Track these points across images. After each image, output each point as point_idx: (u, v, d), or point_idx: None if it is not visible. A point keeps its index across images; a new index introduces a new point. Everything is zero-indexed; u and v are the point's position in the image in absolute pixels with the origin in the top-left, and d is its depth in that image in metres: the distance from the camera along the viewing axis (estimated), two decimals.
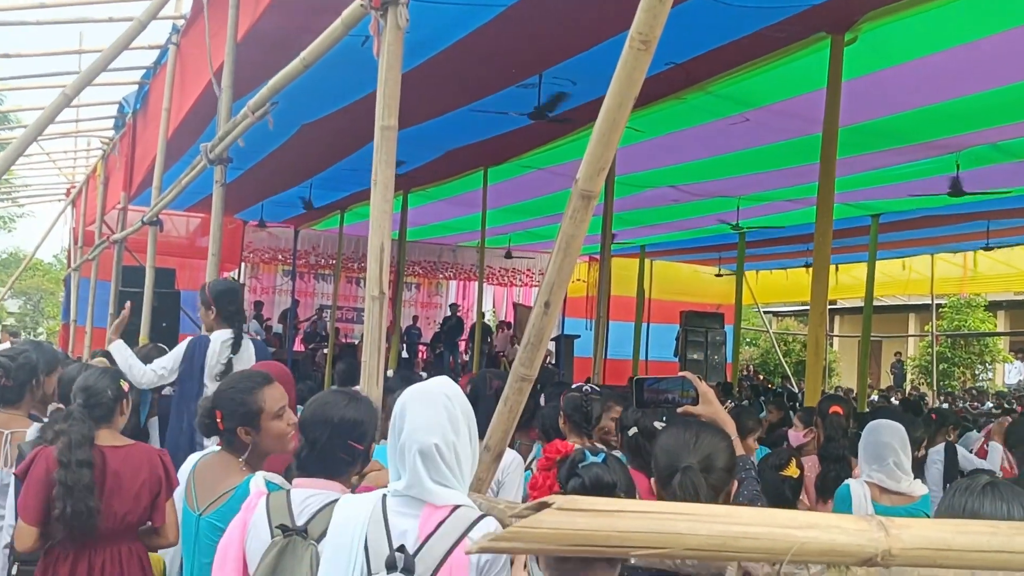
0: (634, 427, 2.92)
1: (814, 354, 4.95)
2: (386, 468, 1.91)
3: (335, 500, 1.84)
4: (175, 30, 6.45)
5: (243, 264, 14.86)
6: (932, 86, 5.57)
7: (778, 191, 8.85)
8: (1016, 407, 12.75)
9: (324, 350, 13.48)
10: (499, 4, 4.56)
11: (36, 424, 3.13)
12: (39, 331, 31.08)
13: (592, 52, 5.13)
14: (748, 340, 23.07)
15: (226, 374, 3.46)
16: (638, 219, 10.81)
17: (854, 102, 5.27)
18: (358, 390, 2.23)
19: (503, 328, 15.75)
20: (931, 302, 15.95)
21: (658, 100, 5.99)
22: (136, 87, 8.04)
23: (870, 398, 13.09)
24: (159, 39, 6.88)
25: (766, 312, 21.18)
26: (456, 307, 16.21)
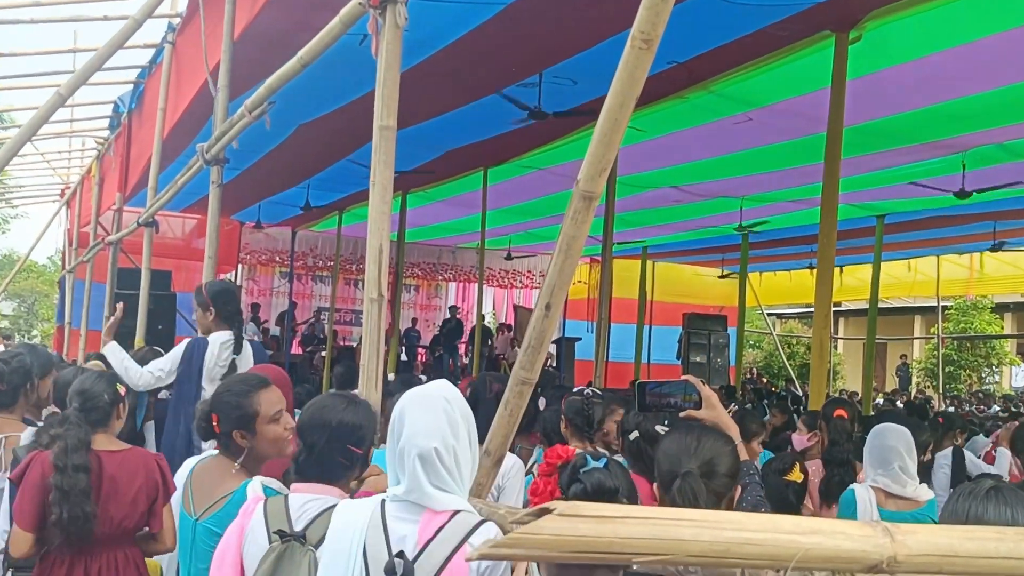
0: (635, 431, 2.89)
1: (818, 357, 4.92)
2: (385, 473, 1.88)
3: (333, 505, 1.82)
4: (171, 28, 6.42)
5: (240, 266, 14.80)
6: (937, 85, 5.55)
7: (782, 191, 8.82)
8: (1023, 411, 12.67)
9: (322, 353, 13.36)
10: (499, 2, 4.54)
11: (30, 428, 3.11)
12: (33, 334, 31.16)
13: (593, 51, 5.12)
14: (751, 343, 23.09)
15: (228, 376, 3.43)
16: (640, 220, 10.79)
17: (859, 101, 5.26)
18: (357, 394, 2.21)
19: (503, 330, 15.65)
20: (937, 304, 15.94)
21: (660, 99, 5.97)
22: (131, 86, 8.00)
23: (875, 401, 13.04)
24: (154, 38, 6.84)
25: (770, 314, 21.15)
26: (456, 309, 16.13)
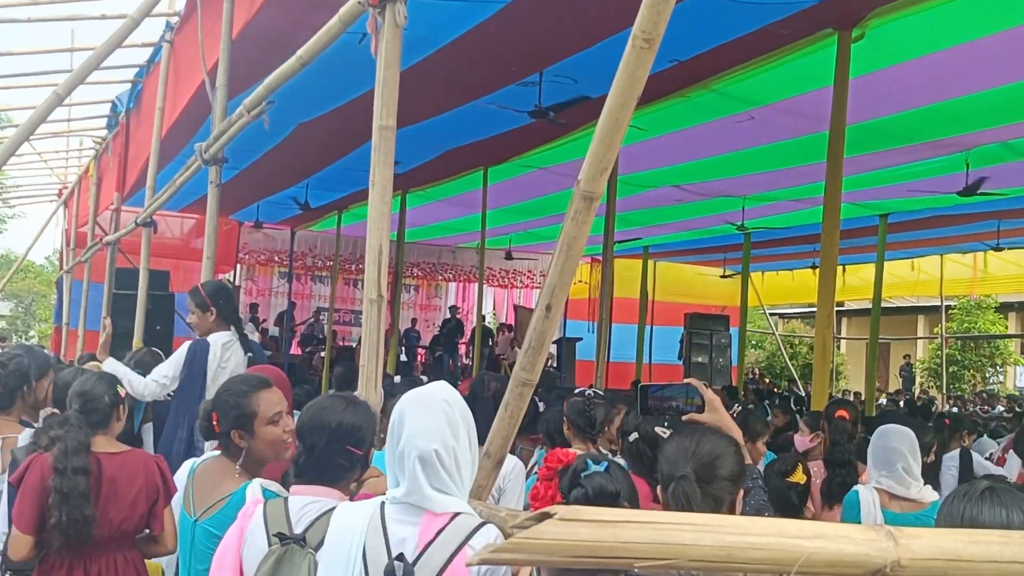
0: (634, 432, 2.88)
1: (821, 357, 4.89)
2: (384, 475, 1.86)
3: (333, 508, 1.81)
4: (169, 27, 6.39)
5: (239, 266, 14.77)
6: (941, 83, 5.53)
7: (784, 191, 8.79)
8: None
9: (321, 353, 13.31)
10: (499, 1, 4.53)
11: (28, 430, 3.10)
12: (31, 334, 31.17)
13: (594, 50, 5.10)
14: (754, 343, 23.04)
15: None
16: (641, 219, 10.76)
17: (861, 100, 5.23)
18: (356, 395, 2.19)
19: (504, 331, 15.59)
20: (940, 304, 15.88)
21: (661, 98, 5.95)
22: (129, 86, 7.98)
23: (878, 402, 12.99)
24: (152, 37, 6.81)
25: (772, 314, 21.11)
26: (456, 309, 16.08)
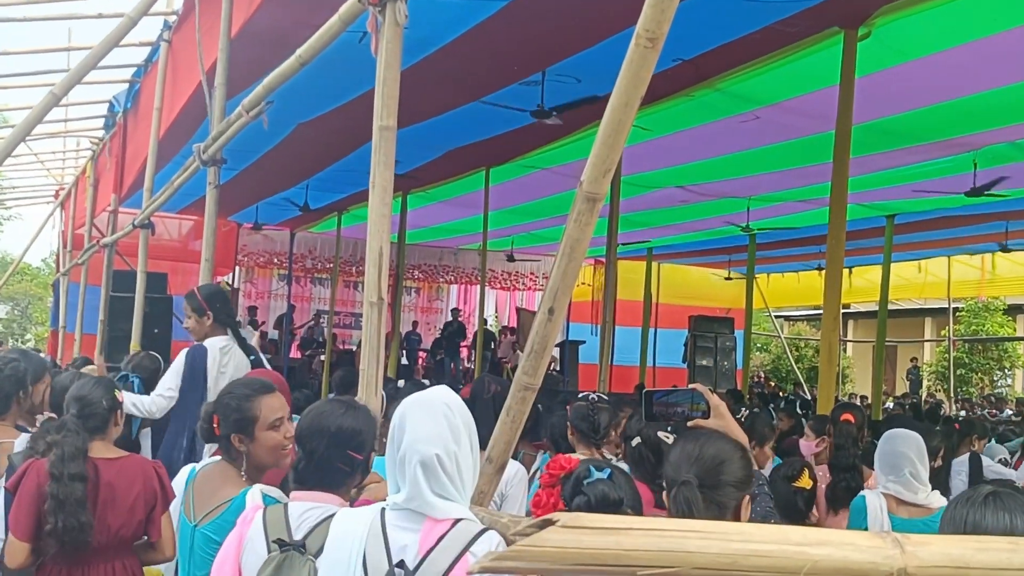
0: (637, 437, 2.84)
1: (827, 360, 4.85)
2: (385, 480, 1.84)
3: (333, 514, 1.79)
4: (167, 26, 6.39)
5: (237, 268, 14.76)
6: (948, 82, 5.50)
7: (790, 191, 8.75)
8: None
9: (321, 357, 13.26)
10: None
11: (24, 435, 3.07)
12: (27, 338, 31.12)
13: (597, 49, 5.07)
14: (759, 345, 22.93)
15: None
16: (645, 221, 10.73)
17: (868, 99, 5.21)
18: (356, 399, 2.17)
19: (506, 334, 15.53)
20: (948, 306, 15.82)
21: (666, 98, 5.92)
22: (127, 86, 7.98)
23: (885, 405, 12.92)
24: (150, 36, 6.84)
25: (777, 316, 21.07)
26: (457, 312, 15.97)
